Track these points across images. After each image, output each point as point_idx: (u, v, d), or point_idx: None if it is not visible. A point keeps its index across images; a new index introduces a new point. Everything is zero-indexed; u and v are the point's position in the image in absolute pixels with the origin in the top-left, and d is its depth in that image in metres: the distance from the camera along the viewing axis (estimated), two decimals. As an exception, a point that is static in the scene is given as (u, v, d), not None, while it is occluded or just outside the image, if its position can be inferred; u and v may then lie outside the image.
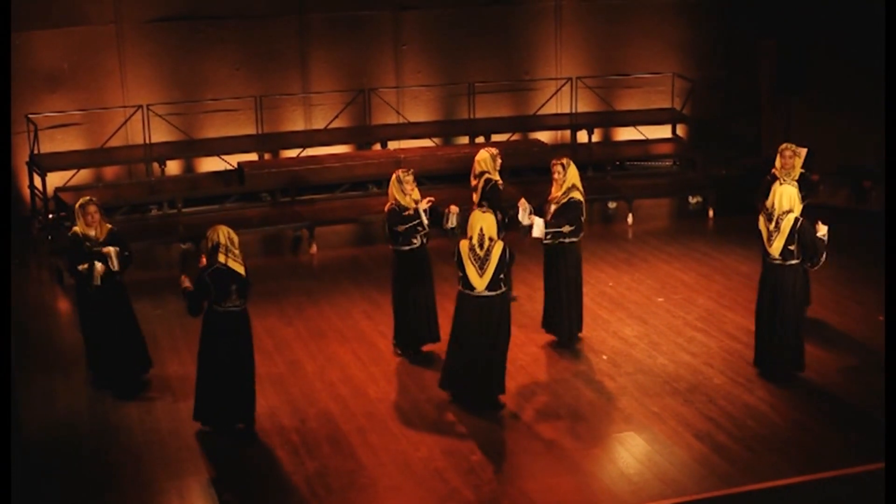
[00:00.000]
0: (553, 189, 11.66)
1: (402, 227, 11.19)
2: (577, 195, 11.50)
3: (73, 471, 9.47)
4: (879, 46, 15.62)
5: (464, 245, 10.09)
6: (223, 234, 9.79)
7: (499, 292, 10.12)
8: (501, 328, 10.26)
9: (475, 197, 12.21)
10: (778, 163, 11.93)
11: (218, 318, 9.83)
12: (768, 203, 10.55)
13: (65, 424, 10.28)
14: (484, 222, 10.06)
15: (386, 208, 11.35)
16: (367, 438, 9.89)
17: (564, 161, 11.64)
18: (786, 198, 10.43)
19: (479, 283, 10.04)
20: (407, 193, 11.22)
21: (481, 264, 10.02)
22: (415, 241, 11.27)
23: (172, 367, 11.47)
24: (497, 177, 12.31)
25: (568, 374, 11.13)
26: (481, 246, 10.02)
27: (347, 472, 9.31)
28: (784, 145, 12.03)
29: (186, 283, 9.96)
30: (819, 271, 12.47)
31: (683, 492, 8.95)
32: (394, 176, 11.31)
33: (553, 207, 11.53)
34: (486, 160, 12.33)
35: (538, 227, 11.30)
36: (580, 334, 11.92)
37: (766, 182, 11.94)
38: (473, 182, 12.38)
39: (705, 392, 10.72)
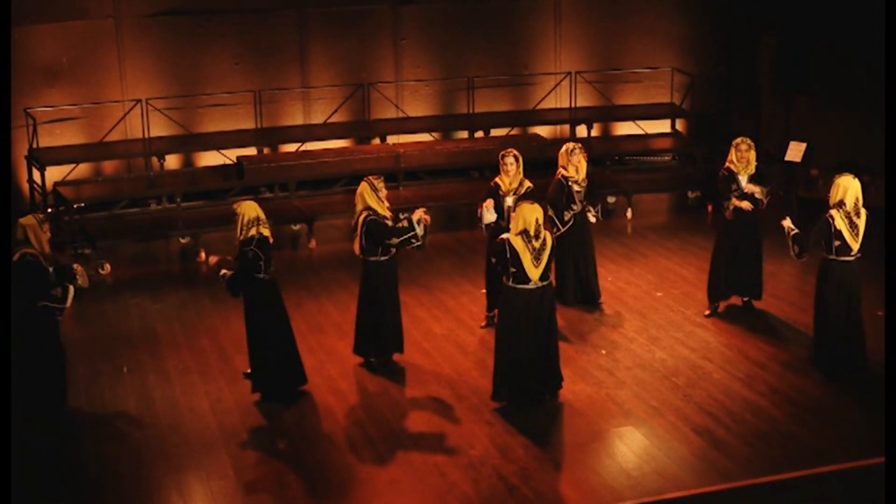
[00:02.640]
0: (504, 180, 11.75)
1: (396, 240, 10.72)
2: (528, 183, 11.85)
3: (73, 466, 9.48)
4: (879, 42, 15.64)
5: (517, 240, 10.02)
6: (255, 207, 10.38)
7: (548, 282, 10.22)
8: (553, 317, 10.39)
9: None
10: (734, 156, 11.98)
11: (265, 286, 10.33)
12: (849, 199, 10.63)
13: (63, 419, 10.27)
14: (538, 213, 10.13)
15: (360, 219, 10.69)
16: (367, 433, 9.90)
17: (516, 152, 11.82)
18: (858, 190, 10.71)
19: (535, 273, 10.04)
20: (383, 201, 10.82)
21: (537, 255, 10.03)
22: (393, 250, 10.84)
23: (172, 363, 11.47)
24: (572, 172, 12.27)
25: (566, 368, 11.11)
26: (537, 237, 10.04)
27: (346, 467, 9.32)
28: (739, 139, 12.07)
29: (216, 261, 10.53)
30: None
31: (682, 486, 8.96)
32: (365, 184, 10.76)
33: (512, 198, 11.58)
34: (561, 155, 12.43)
35: None
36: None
37: (723, 178, 12.01)
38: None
39: (704, 387, 10.72)
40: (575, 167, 12.30)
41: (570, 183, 12.28)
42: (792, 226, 11.01)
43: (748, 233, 12.23)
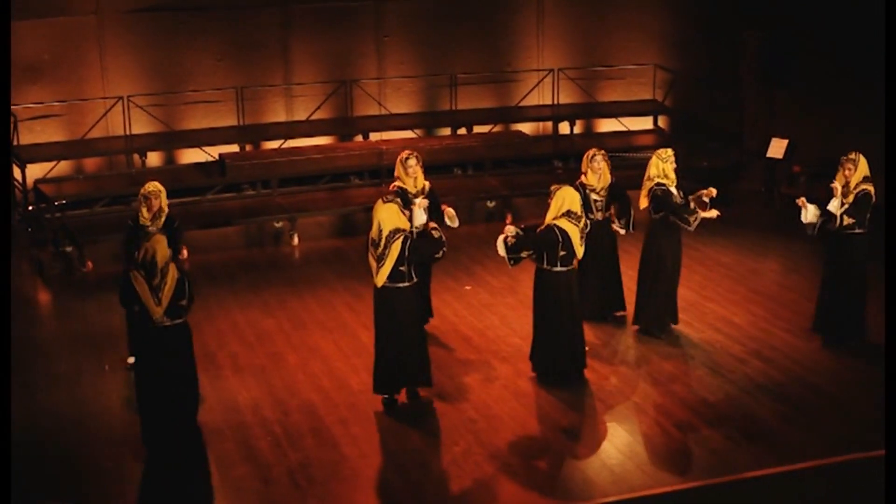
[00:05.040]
0: (408, 182, 11.52)
1: (441, 253, 10.37)
2: (427, 182, 11.74)
3: (54, 462, 9.44)
4: (862, 39, 15.71)
5: (564, 222, 10.30)
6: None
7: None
8: (579, 297, 10.81)
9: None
10: (667, 170, 11.51)
11: None
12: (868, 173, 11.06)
13: (46, 416, 10.24)
14: (577, 194, 10.49)
15: (396, 244, 9.82)
16: (350, 430, 9.89)
17: (417, 153, 11.64)
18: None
19: (581, 252, 10.47)
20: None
21: (582, 235, 10.43)
22: (415, 278, 10.20)
23: (154, 359, 11.43)
24: (592, 179, 11.79)
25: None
26: (580, 219, 10.41)
27: (330, 464, 9.31)
28: (670, 151, 11.66)
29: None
30: (802, 262, 12.54)
31: (665, 482, 8.98)
32: (392, 206, 9.94)
33: (421, 199, 11.44)
34: (583, 161, 11.96)
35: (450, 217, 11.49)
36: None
37: (666, 193, 11.42)
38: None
39: (686, 383, 10.75)
40: (596, 174, 11.76)
41: (587, 191, 11.75)
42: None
43: (677, 256, 11.77)
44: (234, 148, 16.94)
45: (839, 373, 10.89)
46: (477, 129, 18.10)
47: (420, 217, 11.33)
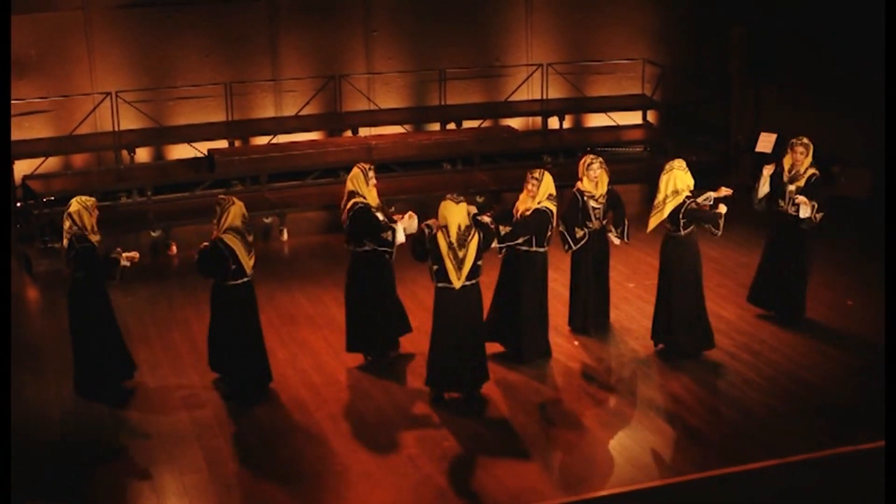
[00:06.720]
0: (370, 195, 10.97)
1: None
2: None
3: (43, 462, 9.42)
4: (849, 32, 15.72)
5: (552, 206, 10.85)
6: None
7: None
8: None
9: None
10: (689, 181, 11.06)
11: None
12: None
13: (34, 415, 10.20)
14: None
15: (476, 239, 9.95)
16: (339, 425, 9.89)
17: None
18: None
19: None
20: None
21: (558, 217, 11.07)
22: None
23: (143, 356, 11.41)
24: (589, 186, 11.41)
25: (539, 359, 11.13)
26: (556, 201, 11.02)
27: (319, 459, 9.31)
28: (686, 161, 11.24)
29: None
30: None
31: (655, 476, 9.00)
32: (458, 204, 9.98)
33: (381, 213, 11.05)
34: (579, 167, 11.50)
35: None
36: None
37: (695, 202, 11.12)
38: None
39: (676, 377, 10.76)
40: (593, 182, 11.38)
41: (585, 198, 11.36)
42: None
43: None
44: (223, 143, 16.91)
45: (827, 366, 10.92)
46: (466, 124, 18.09)
47: (402, 238, 10.90)
